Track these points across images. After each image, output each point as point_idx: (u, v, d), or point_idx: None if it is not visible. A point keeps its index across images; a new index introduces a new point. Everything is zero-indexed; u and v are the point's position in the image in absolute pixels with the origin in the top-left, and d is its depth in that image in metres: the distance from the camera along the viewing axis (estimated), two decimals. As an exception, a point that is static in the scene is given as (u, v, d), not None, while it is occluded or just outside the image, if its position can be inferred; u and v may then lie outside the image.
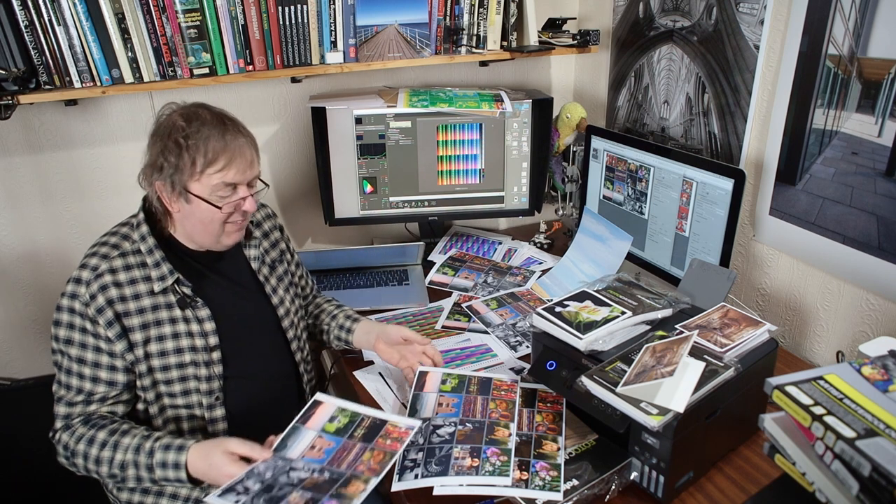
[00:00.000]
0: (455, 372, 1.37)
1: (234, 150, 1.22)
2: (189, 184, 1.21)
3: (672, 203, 1.64)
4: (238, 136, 1.23)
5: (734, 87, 1.62)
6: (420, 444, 1.16)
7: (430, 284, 1.91)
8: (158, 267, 1.25)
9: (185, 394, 1.28)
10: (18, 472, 1.77)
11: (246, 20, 1.67)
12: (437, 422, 1.20)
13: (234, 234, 1.30)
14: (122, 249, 1.26)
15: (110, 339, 1.22)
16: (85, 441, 1.20)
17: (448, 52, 1.91)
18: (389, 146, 1.98)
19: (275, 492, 1.05)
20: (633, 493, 1.14)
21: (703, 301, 1.34)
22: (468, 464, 1.10)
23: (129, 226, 1.30)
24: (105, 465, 1.19)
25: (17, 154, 1.77)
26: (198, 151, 1.19)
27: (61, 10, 1.50)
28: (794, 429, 0.84)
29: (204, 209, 1.23)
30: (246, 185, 1.26)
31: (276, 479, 1.08)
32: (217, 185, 1.22)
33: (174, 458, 1.16)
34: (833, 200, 1.40)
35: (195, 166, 1.20)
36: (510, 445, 1.15)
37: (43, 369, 1.92)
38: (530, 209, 2.13)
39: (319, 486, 1.06)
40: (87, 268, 1.23)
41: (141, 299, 1.24)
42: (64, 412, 1.24)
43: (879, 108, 1.28)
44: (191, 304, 1.28)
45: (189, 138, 1.19)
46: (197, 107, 1.25)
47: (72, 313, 1.22)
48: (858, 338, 1.42)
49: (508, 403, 1.27)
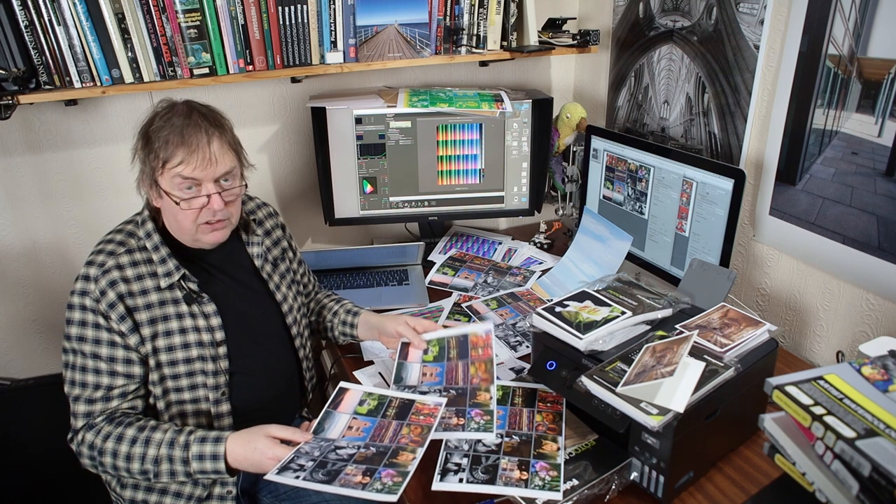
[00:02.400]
0: (434, 337, 1.41)
1: (192, 144, 1.19)
2: (157, 177, 1.22)
3: (672, 203, 1.64)
4: (200, 129, 1.20)
5: (734, 87, 1.62)
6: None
7: (430, 284, 1.91)
8: (164, 263, 1.26)
9: (192, 388, 1.29)
10: (18, 472, 1.77)
11: (246, 20, 1.67)
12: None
13: (210, 235, 1.27)
14: (127, 246, 1.26)
15: (124, 332, 1.22)
16: (114, 439, 1.19)
17: (448, 52, 1.91)
18: (389, 146, 1.98)
19: (329, 467, 1.08)
20: (633, 493, 1.14)
21: (703, 301, 1.34)
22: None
23: (133, 223, 1.31)
24: (136, 462, 1.18)
25: (17, 154, 1.77)
26: (160, 143, 1.19)
27: (61, 10, 1.50)
28: (794, 429, 0.84)
29: (172, 205, 1.22)
30: (212, 183, 1.23)
31: (326, 457, 1.11)
32: (176, 180, 1.20)
33: (212, 450, 1.17)
34: (833, 200, 1.40)
35: (158, 159, 1.20)
36: (491, 406, 1.21)
37: (43, 369, 1.92)
38: (530, 209, 2.13)
39: (371, 458, 1.10)
40: (94, 265, 1.23)
41: (148, 294, 1.25)
42: (84, 410, 1.22)
43: (879, 108, 1.28)
44: (197, 299, 1.28)
45: (156, 131, 1.20)
46: (180, 102, 1.25)
47: (83, 310, 1.22)
48: (858, 338, 1.42)
49: (486, 363, 1.32)
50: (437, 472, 1.11)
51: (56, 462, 1.79)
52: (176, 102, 1.26)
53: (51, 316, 1.93)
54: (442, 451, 1.15)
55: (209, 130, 1.22)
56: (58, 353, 1.94)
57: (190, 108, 1.24)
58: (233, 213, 1.29)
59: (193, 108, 1.24)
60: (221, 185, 1.25)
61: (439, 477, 1.10)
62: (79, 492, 1.82)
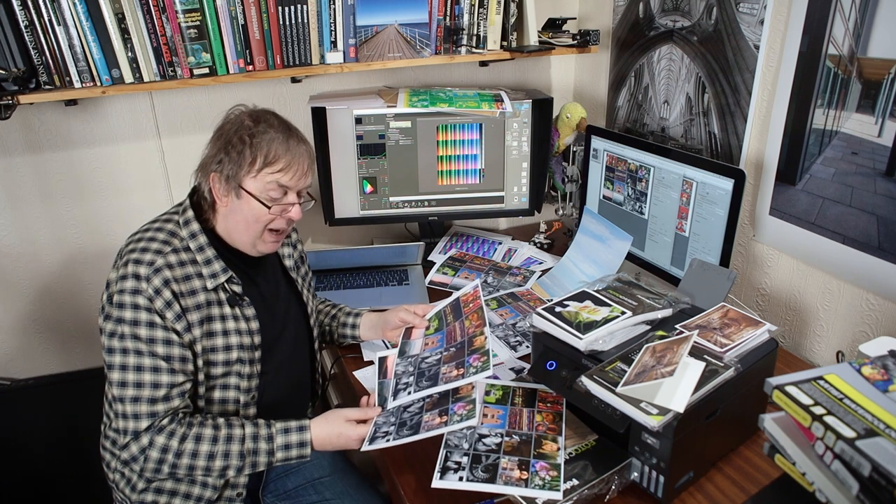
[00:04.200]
0: (432, 313, 1.48)
1: (294, 156, 1.26)
2: (245, 180, 1.24)
3: (672, 203, 1.64)
4: (300, 143, 1.29)
5: (734, 87, 1.62)
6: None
7: (430, 284, 1.91)
8: (210, 265, 1.26)
9: (224, 388, 1.28)
10: (18, 472, 1.78)
11: (246, 20, 1.67)
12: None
13: (270, 244, 1.32)
14: (173, 246, 1.24)
15: (178, 331, 1.20)
16: (193, 439, 1.18)
17: (448, 52, 1.91)
18: (389, 146, 1.98)
19: (410, 422, 1.19)
20: (633, 493, 1.14)
21: (703, 301, 1.34)
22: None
23: (174, 223, 1.28)
24: (220, 460, 1.19)
25: (17, 154, 1.77)
26: (260, 150, 1.24)
27: (61, 10, 1.50)
28: (794, 429, 0.84)
29: (253, 206, 1.25)
30: (296, 194, 1.29)
31: (401, 416, 1.22)
32: (271, 185, 1.25)
33: (298, 438, 1.23)
34: (833, 200, 1.40)
35: (255, 164, 1.23)
36: (487, 346, 1.26)
37: (43, 369, 1.92)
38: (530, 209, 2.13)
39: (438, 402, 1.21)
40: (142, 263, 1.19)
41: (197, 295, 1.23)
42: (148, 411, 1.18)
43: (879, 108, 1.28)
44: (240, 302, 1.29)
45: (255, 136, 1.24)
46: (265, 111, 1.31)
47: (136, 309, 1.17)
48: (858, 338, 1.42)
49: (478, 312, 1.38)
50: (436, 469, 1.11)
51: (56, 462, 1.79)
52: (263, 111, 1.31)
53: (51, 316, 1.93)
54: (442, 450, 1.15)
55: (307, 145, 1.31)
56: (58, 353, 1.97)
57: (283, 120, 1.31)
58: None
59: (284, 122, 1.31)
60: (301, 198, 1.31)
61: (439, 475, 1.10)
62: (79, 492, 1.82)
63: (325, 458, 1.48)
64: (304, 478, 1.45)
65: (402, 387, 1.28)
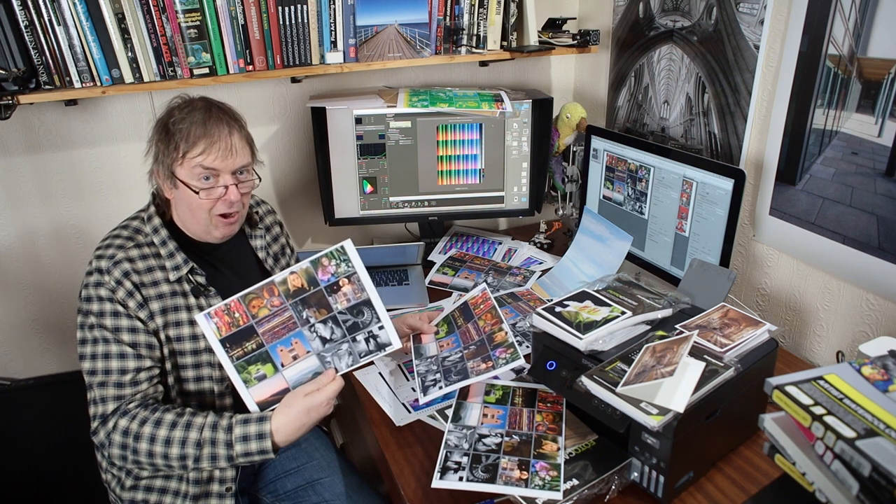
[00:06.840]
0: (439, 319, 1.49)
1: (214, 135, 1.24)
2: (174, 167, 1.25)
3: (672, 203, 1.64)
4: (222, 122, 1.26)
5: (734, 87, 1.62)
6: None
7: (430, 284, 1.91)
8: (172, 257, 1.28)
9: (198, 380, 1.30)
10: (18, 472, 1.78)
11: (246, 20, 1.67)
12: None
13: (223, 227, 1.31)
14: (136, 241, 1.28)
15: (142, 319, 1.23)
16: (152, 423, 1.17)
17: (448, 52, 1.91)
18: (389, 146, 1.98)
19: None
20: (633, 493, 1.14)
21: (703, 301, 1.34)
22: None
23: (139, 220, 1.32)
24: (176, 446, 1.16)
25: (17, 154, 1.77)
26: (181, 136, 1.23)
27: (61, 10, 1.50)
28: (794, 429, 0.84)
29: (189, 195, 1.25)
30: (230, 175, 1.27)
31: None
32: (196, 170, 1.24)
33: (257, 430, 1.16)
34: (833, 200, 1.40)
35: (178, 150, 1.23)
36: (510, 340, 1.28)
37: (43, 369, 1.92)
38: (530, 209, 2.13)
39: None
40: (104, 258, 1.24)
41: (159, 285, 1.26)
42: (114, 394, 1.20)
43: (879, 108, 1.28)
44: (204, 292, 1.30)
45: (176, 123, 1.24)
46: (197, 98, 1.30)
47: (100, 301, 1.22)
48: (858, 338, 1.42)
49: (492, 312, 1.40)
50: (436, 469, 1.11)
51: (56, 462, 1.79)
52: (193, 98, 1.30)
53: (51, 316, 1.93)
54: (442, 450, 1.15)
55: (230, 123, 1.27)
56: (58, 353, 1.97)
57: (208, 102, 1.29)
58: (245, 206, 1.34)
59: (212, 103, 1.29)
60: (238, 178, 1.29)
61: (439, 475, 1.10)
62: (79, 492, 1.82)
63: (324, 459, 1.47)
64: (303, 478, 1.45)
65: (429, 383, 1.28)
